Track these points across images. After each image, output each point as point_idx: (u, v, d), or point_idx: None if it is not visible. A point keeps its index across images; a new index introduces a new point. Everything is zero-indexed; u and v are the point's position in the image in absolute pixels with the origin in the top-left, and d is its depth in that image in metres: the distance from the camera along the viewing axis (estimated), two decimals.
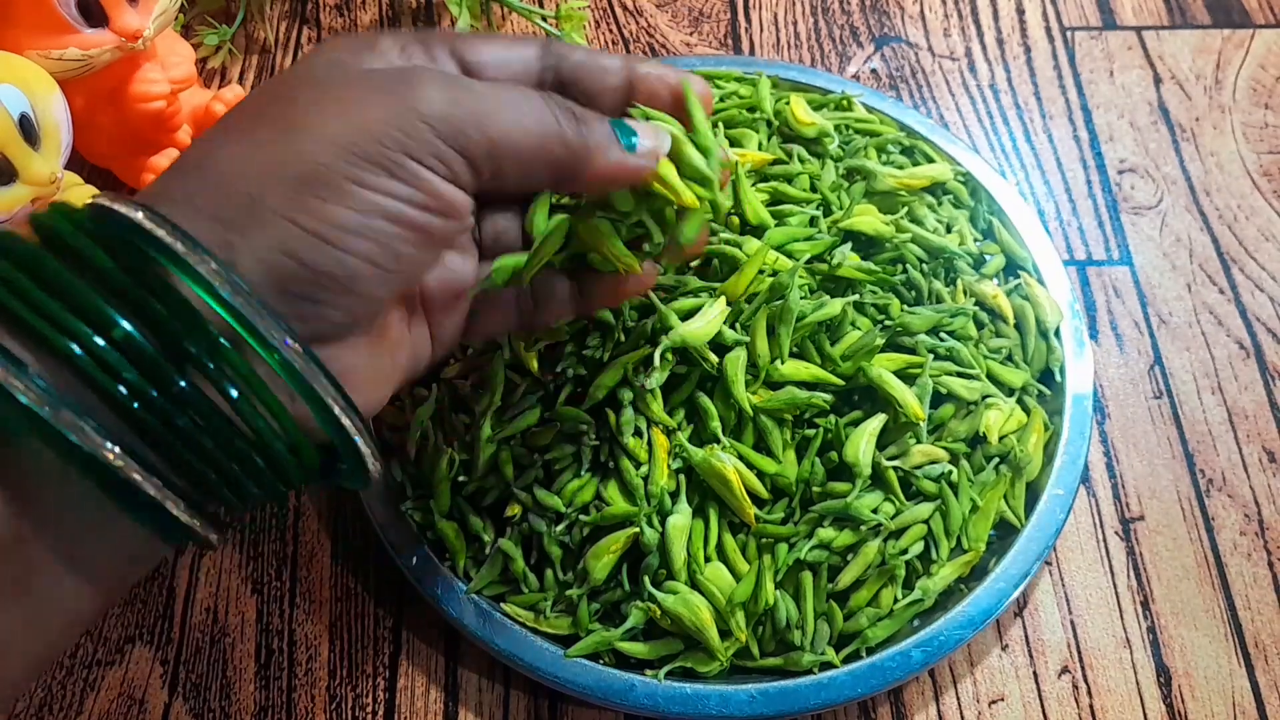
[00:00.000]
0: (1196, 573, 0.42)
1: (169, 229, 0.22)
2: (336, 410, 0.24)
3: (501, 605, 0.37)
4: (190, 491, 0.23)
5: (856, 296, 0.40)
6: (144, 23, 0.44)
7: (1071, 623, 0.40)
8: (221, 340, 0.23)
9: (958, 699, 0.39)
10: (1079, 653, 0.40)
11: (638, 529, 0.36)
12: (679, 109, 0.31)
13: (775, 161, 0.45)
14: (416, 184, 0.25)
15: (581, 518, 0.37)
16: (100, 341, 0.21)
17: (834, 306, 0.38)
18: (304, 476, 0.25)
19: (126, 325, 0.22)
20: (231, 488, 0.24)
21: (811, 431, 0.38)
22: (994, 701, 0.39)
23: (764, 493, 0.37)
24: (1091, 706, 0.39)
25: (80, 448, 0.21)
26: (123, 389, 0.22)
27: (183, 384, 0.22)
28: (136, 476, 0.22)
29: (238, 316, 0.23)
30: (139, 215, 0.22)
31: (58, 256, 0.22)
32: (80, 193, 0.44)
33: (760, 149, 0.46)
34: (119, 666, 0.39)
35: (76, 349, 0.21)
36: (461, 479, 0.39)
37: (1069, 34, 0.59)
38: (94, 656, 0.40)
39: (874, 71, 0.58)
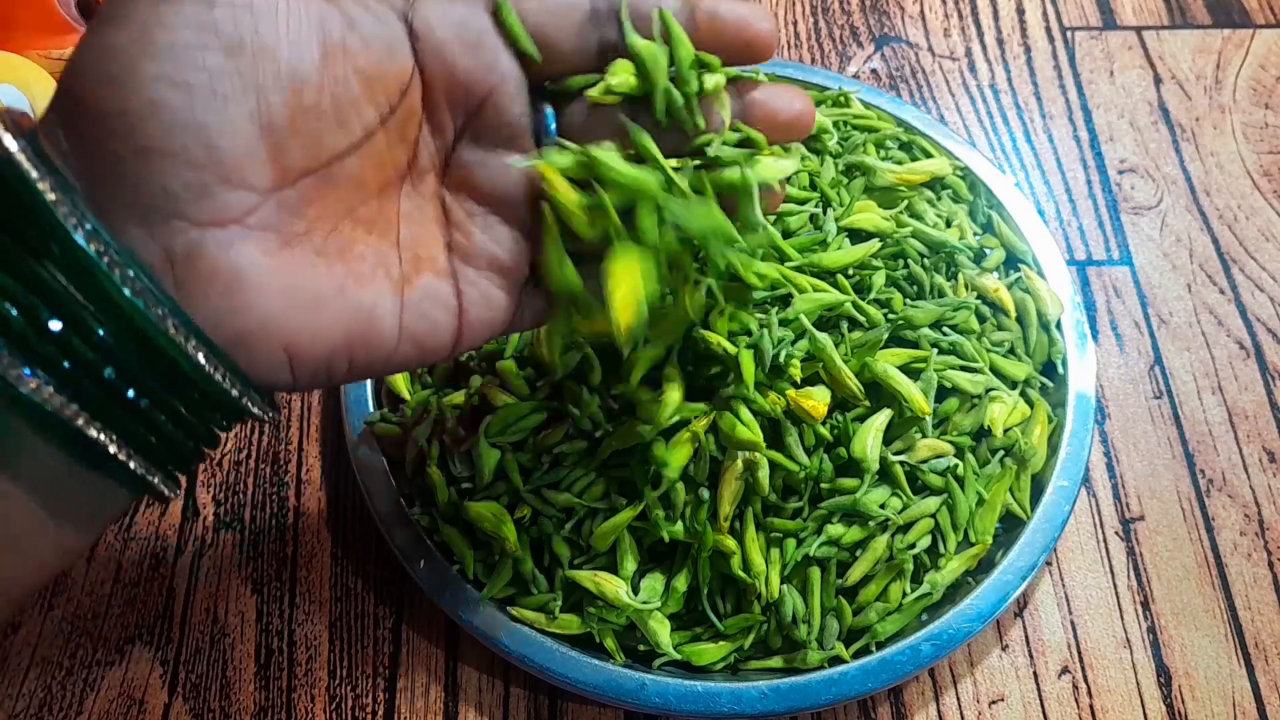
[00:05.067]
0: (1197, 573, 0.41)
1: None
2: (122, 282, 0.21)
3: (510, 610, 0.37)
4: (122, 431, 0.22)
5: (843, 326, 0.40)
6: None
7: (1072, 623, 0.40)
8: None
9: (958, 699, 0.39)
10: (1079, 653, 0.40)
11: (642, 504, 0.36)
12: (750, 34, 0.26)
13: None
14: None
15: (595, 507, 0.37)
16: None
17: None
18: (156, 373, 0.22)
19: None
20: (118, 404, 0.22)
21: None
22: (994, 702, 0.39)
23: (765, 489, 0.37)
24: (1092, 707, 0.39)
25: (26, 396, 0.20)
26: None
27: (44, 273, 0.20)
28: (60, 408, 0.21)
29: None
30: None
31: None
32: None
33: None
34: (119, 667, 0.39)
35: None
36: (467, 486, 0.39)
37: (1069, 34, 0.59)
38: (94, 657, 0.40)
39: (874, 71, 0.58)
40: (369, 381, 0.43)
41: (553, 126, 0.27)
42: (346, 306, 0.24)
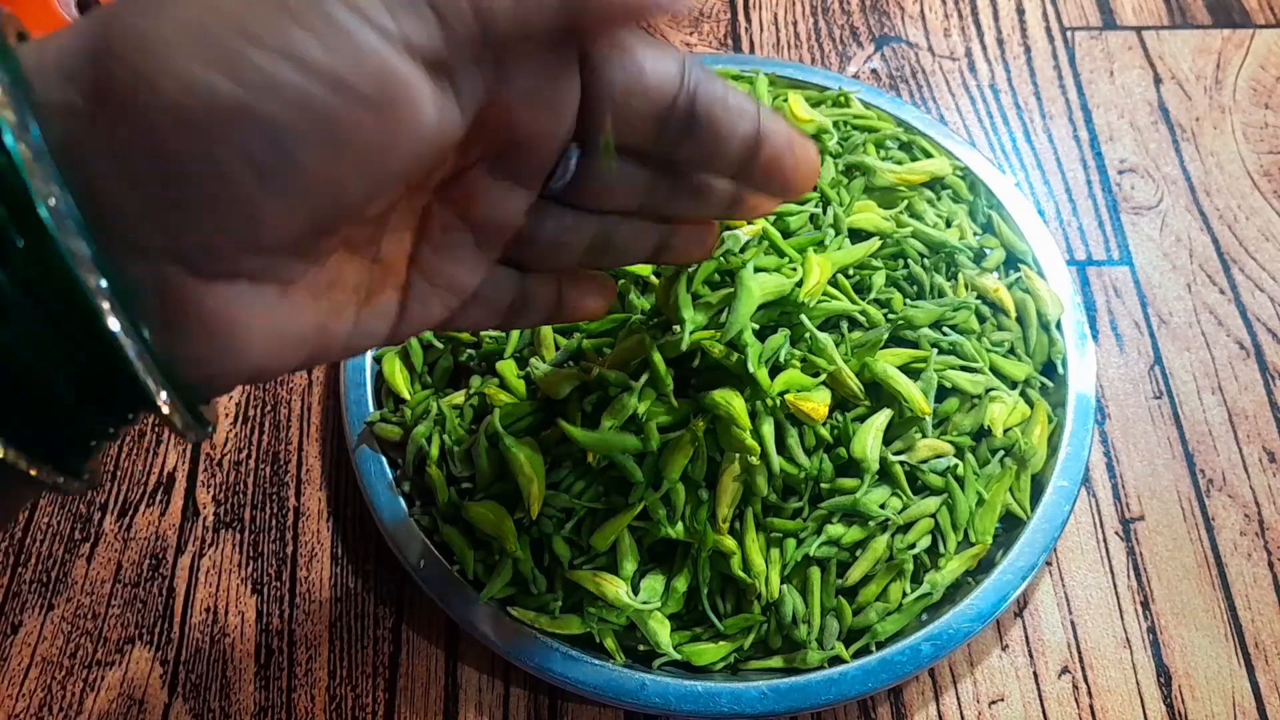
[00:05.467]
0: (1197, 573, 0.41)
1: None
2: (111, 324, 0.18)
3: (510, 610, 0.37)
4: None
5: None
6: None
7: (1071, 623, 0.40)
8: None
9: (958, 699, 0.39)
10: (1079, 653, 0.40)
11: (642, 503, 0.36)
12: (794, 186, 0.28)
13: None
14: (335, 40, 0.18)
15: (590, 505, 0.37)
16: None
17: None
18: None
19: None
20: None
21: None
22: (994, 701, 0.39)
23: (764, 490, 0.37)
24: (1091, 707, 0.39)
25: None
26: None
27: None
28: None
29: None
30: None
31: None
32: None
33: None
34: (119, 667, 0.39)
35: None
36: (467, 486, 0.39)
37: (1069, 34, 0.59)
38: (94, 657, 0.40)
39: (874, 72, 0.58)
40: (369, 382, 0.43)
41: (572, 165, 0.25)
42: (318, 339, 0.23)
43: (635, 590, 0.37)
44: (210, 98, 0.17)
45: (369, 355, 0.44)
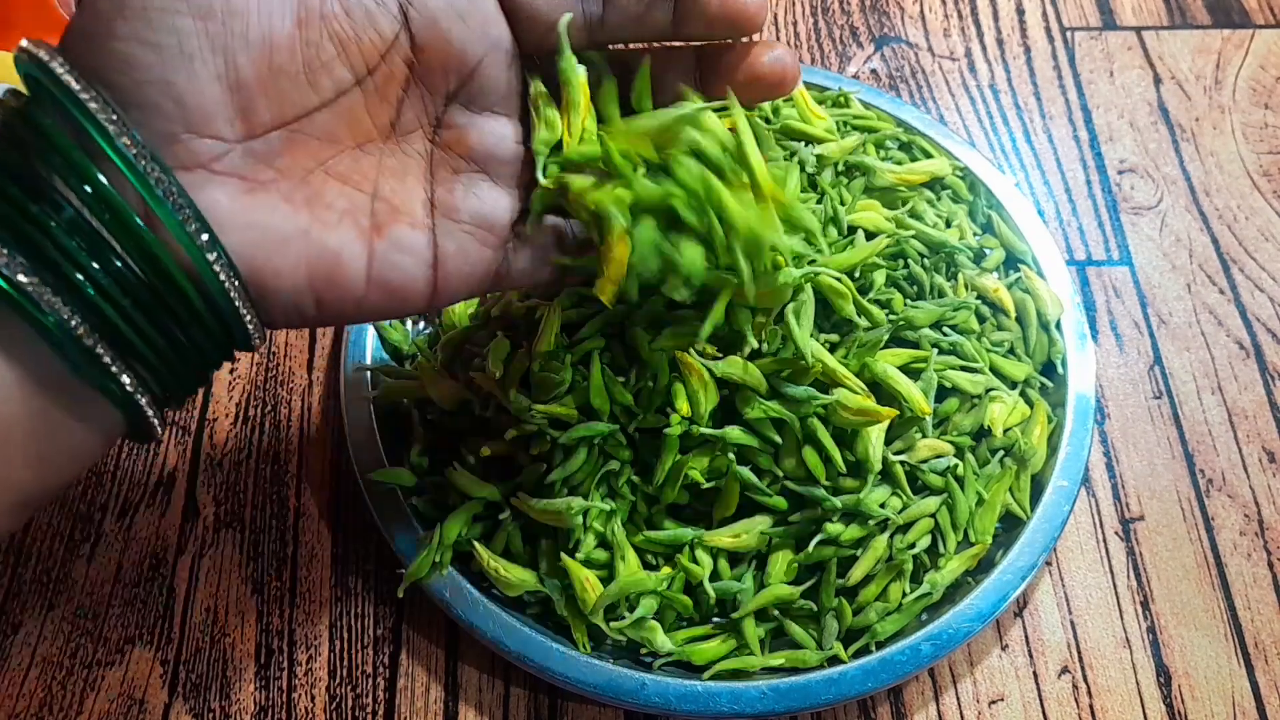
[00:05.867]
0: (1196, 573, 0.42)
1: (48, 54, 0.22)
2: (188, 225, 0.23)
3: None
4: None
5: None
6: None
7: (1071, 623, 0.40)
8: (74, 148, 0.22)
9: (957, 699, 0.39)
10: (1079, 653, 0.40)
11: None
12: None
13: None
14: None
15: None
16: None
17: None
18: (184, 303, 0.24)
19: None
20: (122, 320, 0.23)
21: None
22: (994, 701, 0.39)
23: (774, 496, 0.37)
24: (1091, 706, 0.39)
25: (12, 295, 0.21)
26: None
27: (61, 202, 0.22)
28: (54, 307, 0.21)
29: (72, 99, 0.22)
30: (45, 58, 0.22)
31: None
32: None
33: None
34: (119, 667, 0.39)
35: None
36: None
37: (1069, 34, 0.59)
38: (94, 656, 0.40)
39: (874, 72, 0.58)
40: (368, 381, 0.43)
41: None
42: (310, 247, 0.25)
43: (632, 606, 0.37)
44: (97, 3, 0.23)
45: (369, 356, 0.44)
